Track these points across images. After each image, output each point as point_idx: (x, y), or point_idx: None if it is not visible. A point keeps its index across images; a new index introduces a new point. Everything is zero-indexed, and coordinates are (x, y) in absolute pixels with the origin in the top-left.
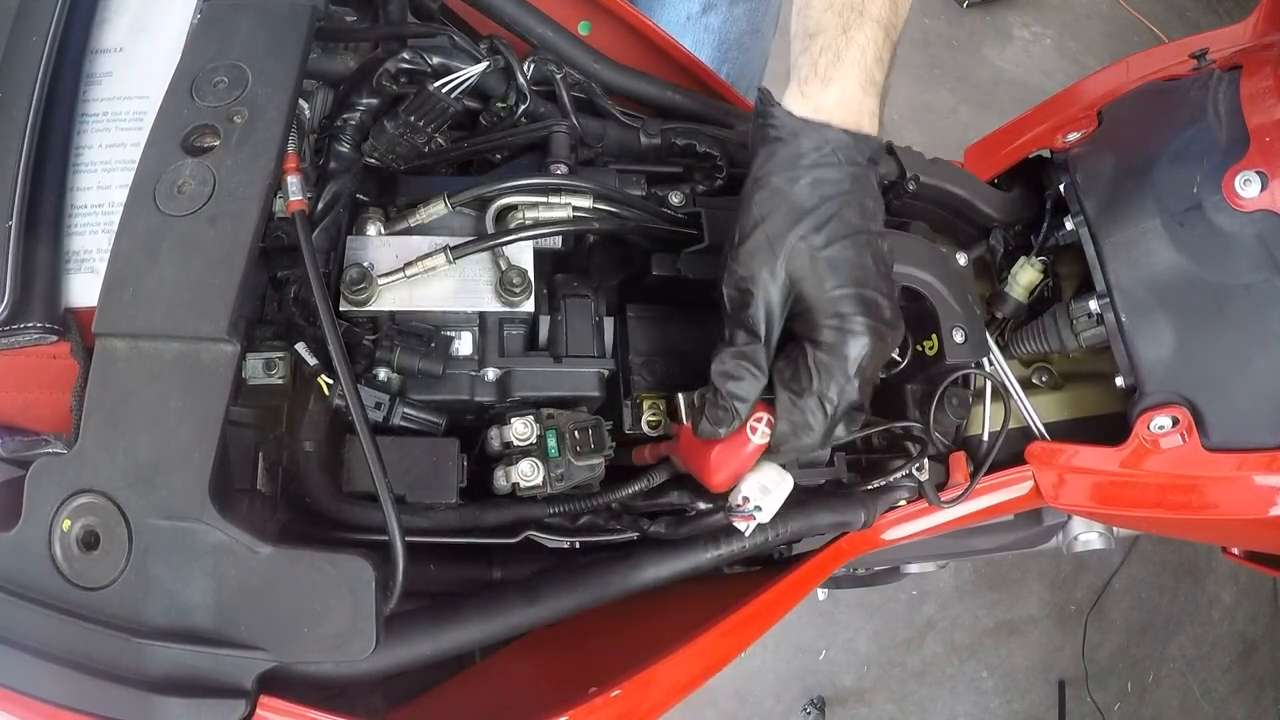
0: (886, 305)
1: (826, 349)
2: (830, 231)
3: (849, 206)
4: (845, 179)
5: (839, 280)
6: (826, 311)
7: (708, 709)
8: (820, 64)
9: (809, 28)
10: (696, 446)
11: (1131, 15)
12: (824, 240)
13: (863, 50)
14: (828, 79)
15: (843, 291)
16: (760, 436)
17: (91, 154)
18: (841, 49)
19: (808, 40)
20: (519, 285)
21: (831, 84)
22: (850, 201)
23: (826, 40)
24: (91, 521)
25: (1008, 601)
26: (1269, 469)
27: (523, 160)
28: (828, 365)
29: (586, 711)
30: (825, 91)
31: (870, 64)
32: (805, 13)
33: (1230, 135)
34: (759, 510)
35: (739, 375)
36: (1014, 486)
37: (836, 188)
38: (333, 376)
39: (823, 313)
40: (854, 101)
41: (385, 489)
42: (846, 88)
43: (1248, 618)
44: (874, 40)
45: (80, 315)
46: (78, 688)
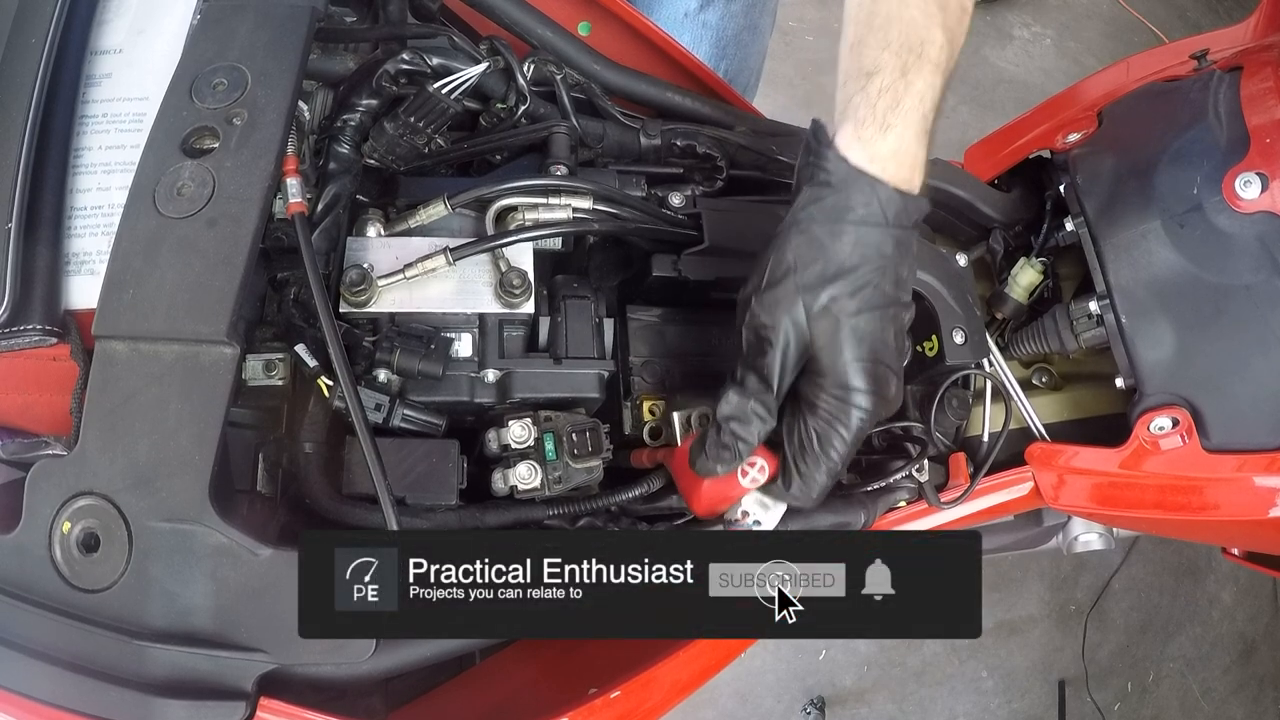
0: (894, 381)
1: (825, 418)
2: (863, 299)
3: (886, 275)
4: (889, 243)
5: (857, 353)
6: (835, 381)
7: (708, 709)
8: (879, 108)
9: (865, 66)
10: (690, 473)
11: (1131, 15)
12: (855, 307)
13: (921, 97)
14: (886, 125)
15: (858, 365)
16: (751, 481)
17: (91, 156)
18: (901, 94)
19: (864, 80)
20: (519, 287)
21: (890, 131)
22: (888, 269)
23: (885, 82)
24: (92, 524)
25: (1008, 601)
26: (1269, 470)
27: (523, 161)
28: (826, 435)
29: (586, 712)
30: (882, 139)
31: (928, 111)
32: (860, 50)
33: (1230, 136)
34: (758, 524)
35: (746, 420)
36: (1014, 487)
37: (879, 251)
38: (332, 378)
39: (831, 381)
40: (909, 154)
41: (385, 491)
42: (904, 137)
43: (1248, 618)
44: (932, 86)
45: (80, 317)
46: (78, 690)
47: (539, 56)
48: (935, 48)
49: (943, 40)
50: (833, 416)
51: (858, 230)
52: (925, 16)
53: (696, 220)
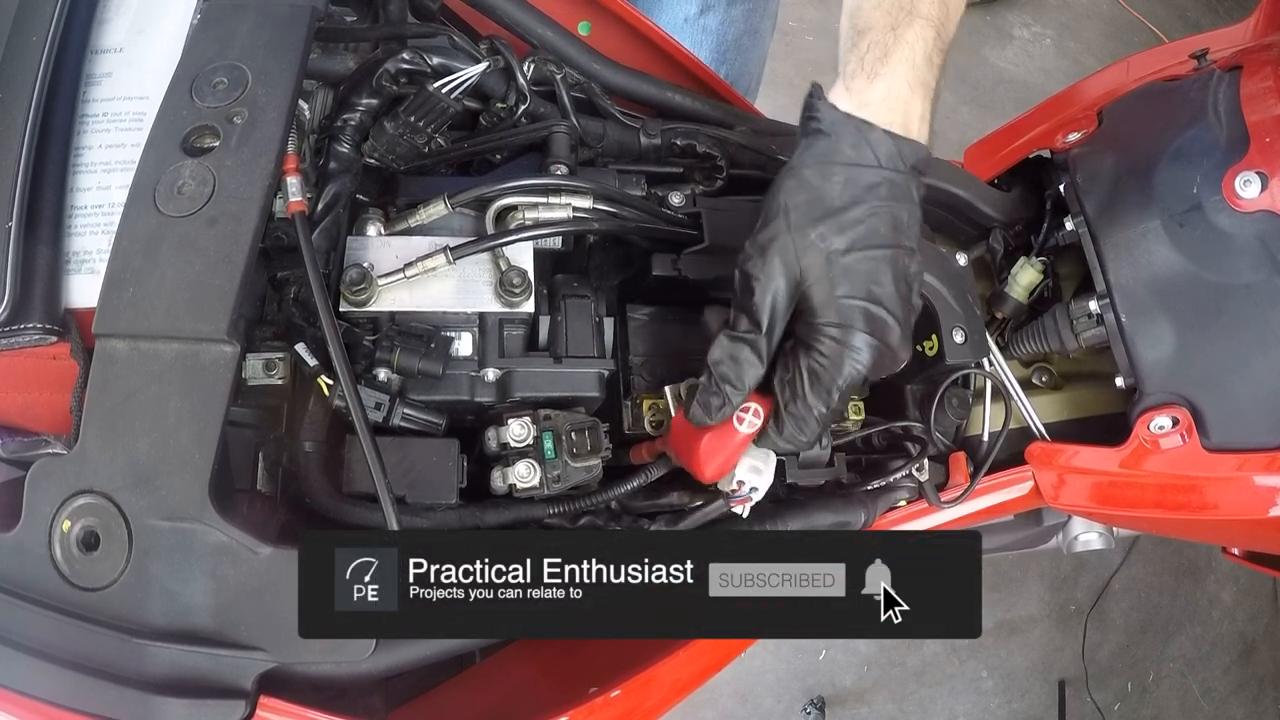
0: (896, 328)
1: (820, 359)
2: (853, 237)
3: (879, 215)
4: (882, 184)
5: (850, 290)
6: (830, 319)
7: (708, 709)
8: (867, 60)
9: (858, 25)
10: (687, 436)
11: (1131, 15)
12: (845, 245)
13: (911, 47)
14: (874, 75)
15: (851, 303)
16: (748, 426)
17: (91, 154)
18: (890, 45)
19: (856, 38)
20: (519, 286)
21: (878, 80)
22: (881, 210)
23: (875, 37)
24: (91, 522)
25: (1008, 601)
26: (1269, 469)
27: (523, 160)
28: (819, 376)
29: (586, 712)
30: (871, 88)
31: (919, 62)
32: (855, 13)
33: (1230, 135)
34: (755, 491)
35: (737, 361)
36: (1014, 487)
37: (871, 192)
38: (333, 377)
39: (826, 320)
40: (900, 100)
41: (385, 489)
42: (893, 85)
43: (1248, 618)
44: (923, 38)
45: (80, 316)
46: (78, 688)
47: (539, 56)
48: (926, 4)
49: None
50: (823, 355)
51: (847, 171)
52: None
53: (696, 220)
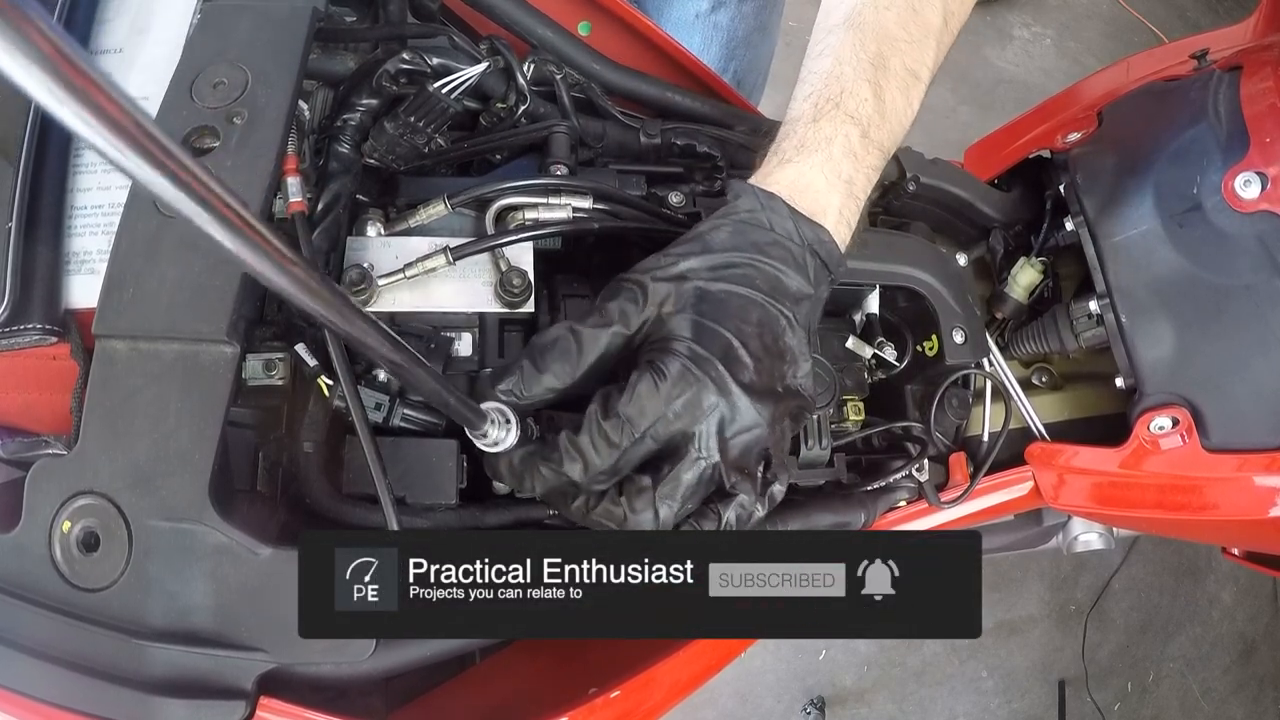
0: (749, 365)
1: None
2: (722, 274)
3: (759, 269)
4: (771, 245)
5: (698, 309)
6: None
7: (708, 709)
8: (784, 147)
9: (788, 115)
10: None
11: (1131, 15)
12: (711, 276)
13: (828, 140)
14: (785, 160)
15: (687, 318)
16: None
17: (91, 155)
18: (807, 137)
19: (783, 127)
20: (519, 286)
21: (788, 165)
22: (763, 266)
23: (797, 128)
24: (91, 523)
25: (1008, 601)
26: (1269, 470)
27: (523, 161)
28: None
29: (586, 712)
30: (780, 170)
31: (837, 155)
32: (790, 103)
33: (1230, 136)
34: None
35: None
36: (1014, 487)
37: (754, 244)
38: (333, 377)
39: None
40: (810, 189)
41: (385, 490)
42: (805, 172)
43: (1248, 618)
44: (844, 134)
45: (80, 316)
46: (78, 689)
47: (539, 56)
48: (855, 101)
49: (868, 95)
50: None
51: (735, 224)
52: (853, 71)
53: (696, 219)
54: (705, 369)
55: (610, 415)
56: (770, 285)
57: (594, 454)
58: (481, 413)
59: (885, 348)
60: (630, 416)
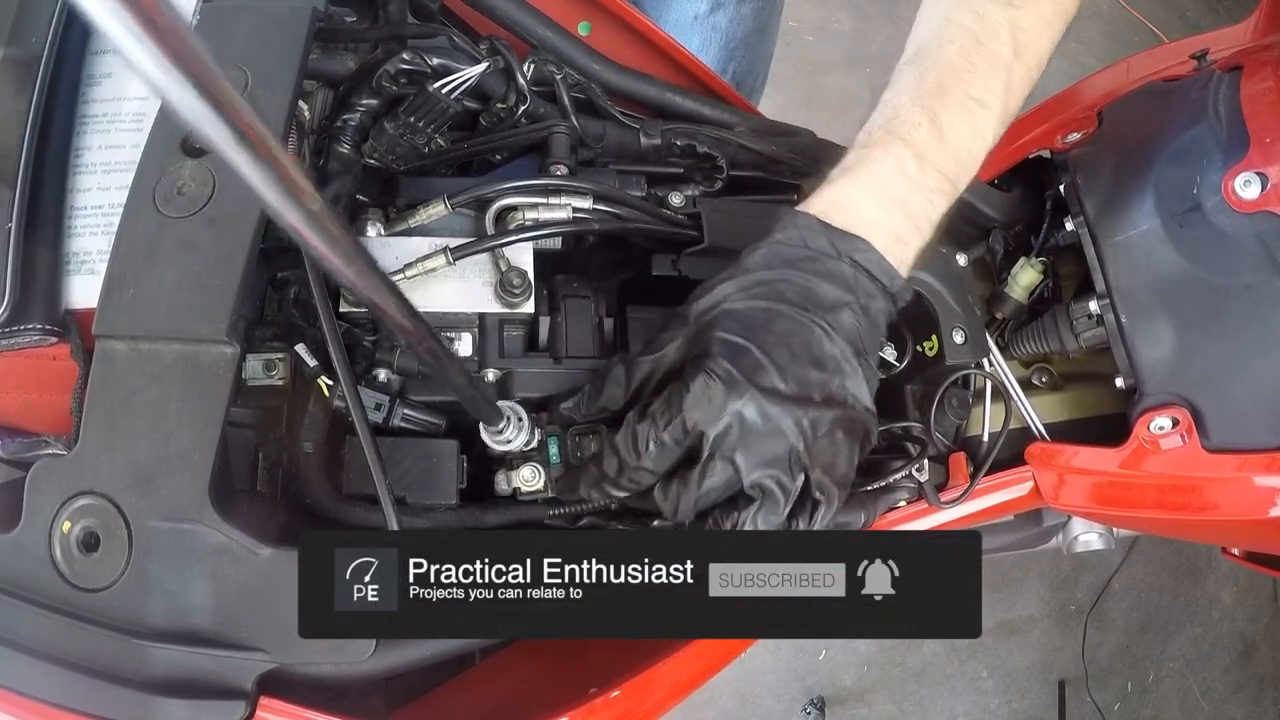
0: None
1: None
2: (750, 292)
3: (788, 282)
4: (803, 259)
5: (727, 327)
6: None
7: (708, 709)
8: (831, 173)
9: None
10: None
11: (1131, 15)
12: (738, 296)
13: (876, 161)
14: (828, 183)
15: (713, 337)
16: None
17: (91, 155)
18: (853, 160)
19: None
20: (519, 286)
21: (829, 186)
22: (793, 278)
23: (847, 155)
24: (91, 523)
25: (1008, 601)
26: (1269, 470)
27: (523, 161)
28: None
29: (586, 712)
30: (820, 193)
31: (885, 175)
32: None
33: (1230, 136)
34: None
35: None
36: (1014, 487)
37: (783, 259)
38: (333, 378)
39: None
40: (849, 206)
41: (385, 490)
42: (846, 191)
43: (1248, 618)
44: (895, 155)
45: (80, 316)
46: (78, 689)
47: (539, 56)
48: (907, 124)
49: (921, 120)
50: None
51: (770, 245)
52: (909, 99)
53: (696, 220)
54: (726, 377)
55: (643, 418)
56: (800, 296)
57: (626, 450)
58: (499, 410)
59: (885, 348)
60: (655, 413)
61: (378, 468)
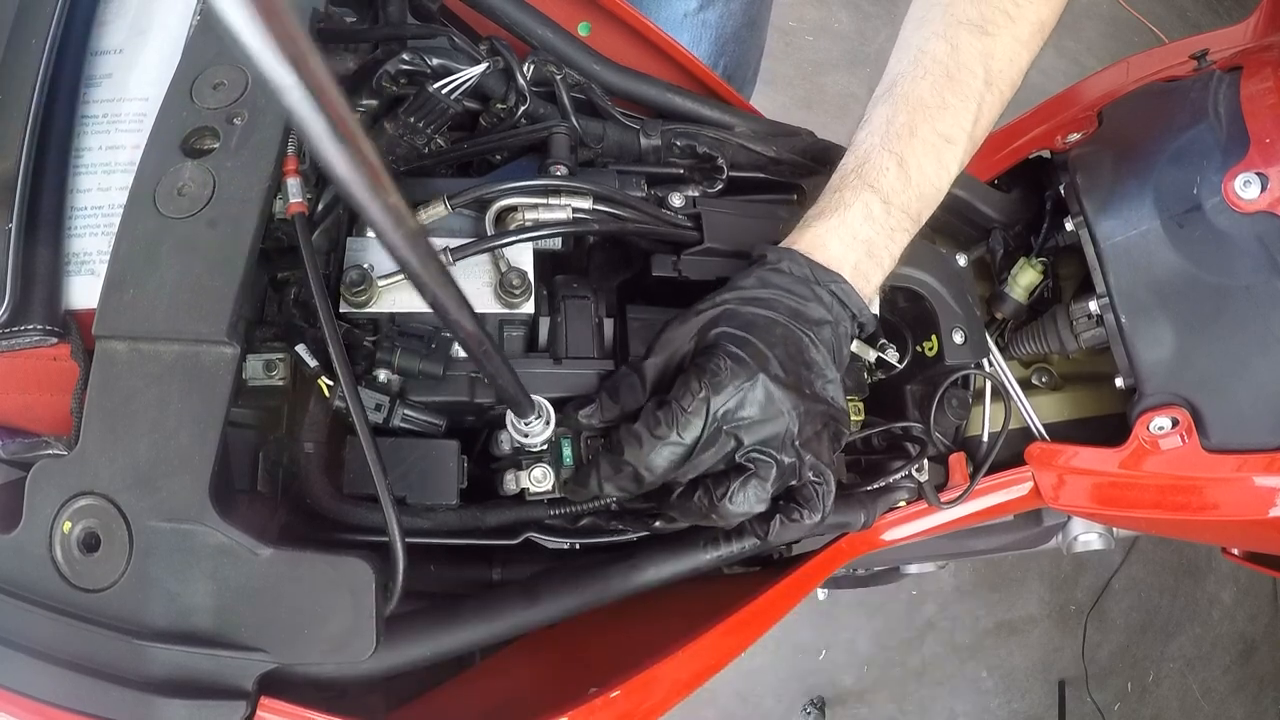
0: (776, 363)
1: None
2: (749, 302)
3: (780, 300)
4: (791, 284)
5: (729, 325)
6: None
7: (708, 709)
8: (808, 214)
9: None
10: None
11: (1131, 15)
12: (738, 302)
13: (846, 205)
14: (805, 225)
15: (720, 331)
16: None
17: (91, 156)
18: (826, 204)
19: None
20: (519, 287)
21: (807, 229)
22: (783, 299)
23: (822, 196)
24: (92, 523)
25: (1008, 601)
26: (1269, 470)
27: (523, 161)
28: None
29: (586, 712)
30: (800, 233)
31: (853, 220)
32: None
33: (1230, 136)
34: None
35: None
36: (1014, 487)
37: (777, 284)
38: (333, 378)
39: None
40: (824, 247)
41: (385, 490)
42: (820, 234)
43: (1248, 618)
44: (863, 201)
45: (80, 317)
46: (78, 689)
47: (539, 56)
48: (876, 170)
49: (889, 165)
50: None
51: (760, 270)
52: (880, 141)
53: (696, 220)
54: (735, 361)
55: (663, 405)
56: (791, 312)
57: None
58: (533, 401)
59: (886, 348)
60: (676, 397)
61: (378, 468)
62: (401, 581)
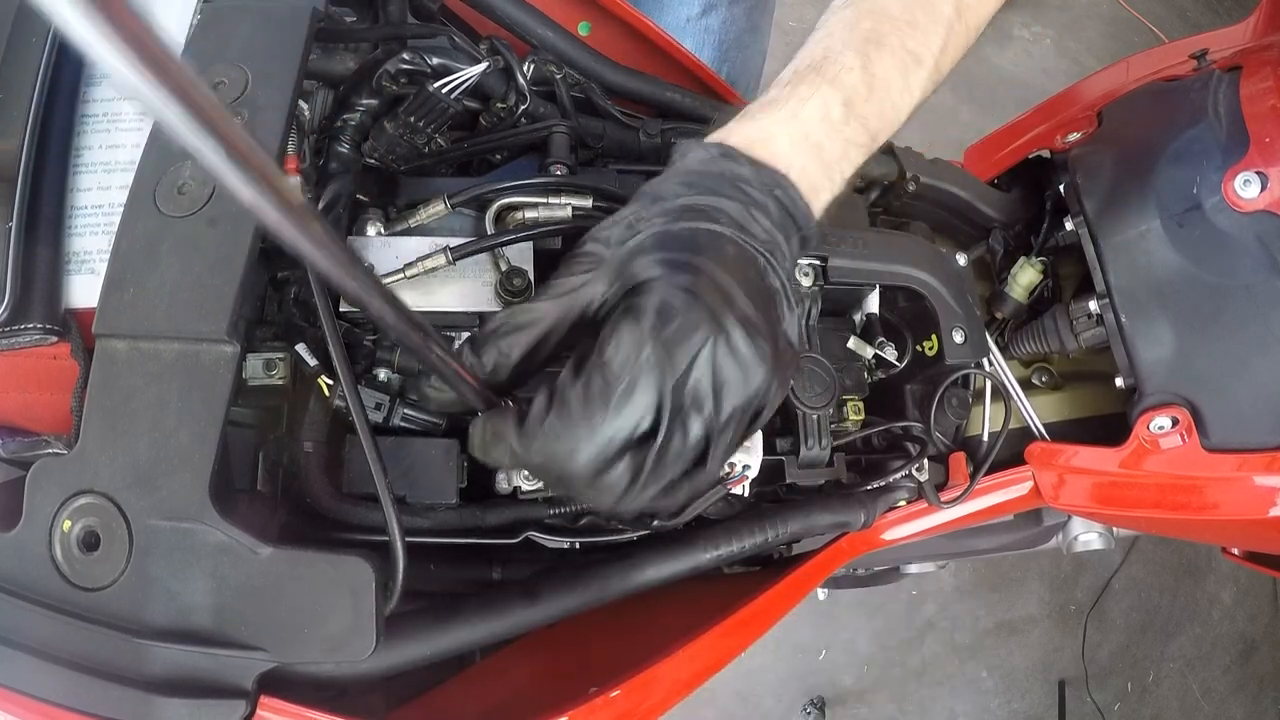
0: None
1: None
2: (681, 217)
3: (720, 209)
4: (729, 188)
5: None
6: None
7: (708, 709)
8: (750, 108)
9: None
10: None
11: (1131, 15)
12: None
13: (801, 100)
14: (747, 116)
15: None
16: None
17: (91, 155)
18: (777, 96)
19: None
20: (519, 286)
21: (749, 120)
22: (723, 206)
23: (770, 90)
24: (92, 522)
25: (1008, 601)
26: (1269, 469)
27: (523, 161)
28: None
29: (586, 712)
30: (740, 125)
31: (807, 117)
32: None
33: (1230, 136)
34: (748, 469)
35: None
36: (1014, 487)
37: (710, 191)
38: (333, 377)
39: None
40: (769, 141)
41: (385, 489)
42: (765, 127)
43: (1248, 618)
44: (821, 97)
45: (80, 316)
46: (78, 688)
47: (539, 56)
48: (838, 66)
49: (854, 64)
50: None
51: (685, 174)
52: (841, 42)
53: None
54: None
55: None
56: (736, 225)
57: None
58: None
59: (885, 348)
60: (608, 359)
61: (378, 467)
62: (401, 581)
